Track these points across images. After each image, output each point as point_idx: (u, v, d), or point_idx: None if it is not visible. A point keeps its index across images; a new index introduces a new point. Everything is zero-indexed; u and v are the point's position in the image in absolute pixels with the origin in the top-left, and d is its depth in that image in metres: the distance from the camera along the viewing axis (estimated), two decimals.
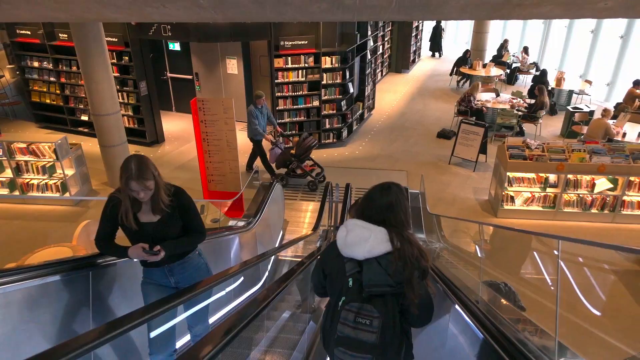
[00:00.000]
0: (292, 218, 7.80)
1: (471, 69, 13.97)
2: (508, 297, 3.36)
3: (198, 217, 2.77)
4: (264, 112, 8.41)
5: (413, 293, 1.86)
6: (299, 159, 8.48)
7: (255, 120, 8.17)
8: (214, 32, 8.81)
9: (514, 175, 7.57)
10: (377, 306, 1.87)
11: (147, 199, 2.53)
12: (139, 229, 2.57)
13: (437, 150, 10.33)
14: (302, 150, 8.44)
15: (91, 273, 2.61)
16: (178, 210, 2.64)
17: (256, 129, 8.19)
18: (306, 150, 8.46)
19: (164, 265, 2.74)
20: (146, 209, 2.59)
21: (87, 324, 2.58)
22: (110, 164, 8.36)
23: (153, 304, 2.15)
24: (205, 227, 2.91)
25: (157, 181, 2.52)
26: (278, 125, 8.94)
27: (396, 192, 1.99)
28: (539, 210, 7.74)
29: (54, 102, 10.80)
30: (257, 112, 8.22)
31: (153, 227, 2.60)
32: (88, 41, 7.36)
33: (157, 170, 2.54)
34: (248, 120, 8.32)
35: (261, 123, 8.28)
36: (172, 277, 2.79)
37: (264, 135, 8.33)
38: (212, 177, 7.63)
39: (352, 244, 1.94)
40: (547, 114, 11.34)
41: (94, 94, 7.75)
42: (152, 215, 2.60)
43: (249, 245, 5.50)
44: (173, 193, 2.63)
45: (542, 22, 15.56)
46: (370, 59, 11.49)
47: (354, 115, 10.77)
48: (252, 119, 8.18)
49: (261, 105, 8.29)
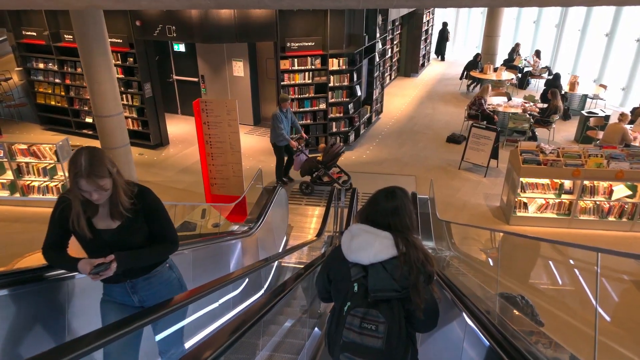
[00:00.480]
0: (296, 223, 7.58)
1: (482, 72, 13.69)
2: (525, 311, 3.11)
3: (168, 223, 2.36)
4: (289, 117, 8.04)
5: (419, 298, 1.85)
6: (325, 166, 8.08)
7: (280, 125, 7.77)
8: (218, 32, 8.66)
9: (528, 181, 7.28)
10: (382, 311, 1.86)
11: (103, 201, 2.11)
12: (94, 237, 2.15)
13: (447, 154, 10.07)
14: (330, 157, 8.04)
15: (44, 287, 2.24)
16: (143, 214, 2.23)
17: (281, 133, 7.80)
18: (334, 157, 8.05)
19: (125, 281, 2.31)
20: (103, 213, 2.16)
21: (34, 349, 2.17)
22: None
23: (107, 326, 1.80)
24: (206, 232, 2.62)
25: (114, 179, 2.09)
26: (302, 131, 8.55)
27: (401, 196, 1.98)
28: (553, 217, 7.43)
29: (59, 103, 10.72)
30: (282, 116, 7.85)
31: (111, 235, 2.18)
32: (90, 41, 7.23)
33: (115, 166, 2.13)
34: (272, 125, 7.91)
35: (286, 127, 7.91)
36: (135, 295, 2.36)
37: (289, 140, 7.93)
38: (215, 181, 7.45)
39: (357, 249, 1.92)
40: (560, 119, 11.03)
41: (97, 95, 7.61)
42: (111, 220, 2.17)
43: (250, 251, 5.28)
44: (137, 194, 2.21)
45: (554, 26, 15.27)
46: (378, 61, 11.28)
47: (361, 118, 10.55)
48: (277, 123, 7.77)
49: (286, 109, 7.94)
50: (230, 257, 5.01)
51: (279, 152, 8.25)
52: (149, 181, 8.85)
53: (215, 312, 3.34)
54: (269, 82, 10.90)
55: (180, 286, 2.51)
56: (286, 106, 7.91)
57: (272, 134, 8.00)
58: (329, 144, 8.35)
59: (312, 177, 8.19)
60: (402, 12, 12.45)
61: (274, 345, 3.42)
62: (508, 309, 3.12)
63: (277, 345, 3.45)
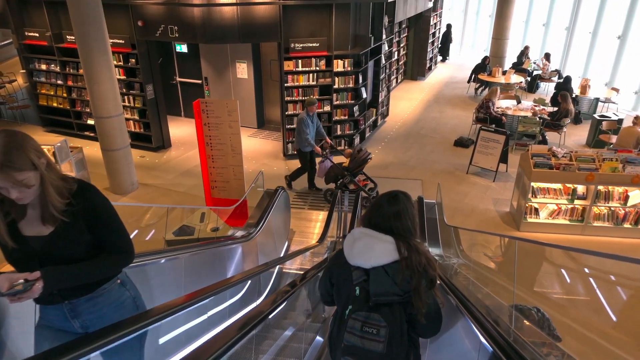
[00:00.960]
0: (299, 228, 7.36)
1: (490, 75, 13.43)
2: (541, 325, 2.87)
3: (118, 228, 1.89)
4: (315, 121, 7.74)
5: (420, 302, 1.84)
6: (352, 173, 7.65)
7: (306, 130, 7.46)
8: (221, 33, 8.50)
9: (539, 185, 7.01)
10: (384, 315, 1.86)
11: (29, 200, 1.68)
12: (20, 245, 1.71)
13: (454, 158, 9.81)
14: (357, 164, 7.63)
15: None
16: (83, 218, 1.77)
17: (307, 138, 7.49)
18: (361, 164, 7.67)
19: (62, 302, 1.84)
20: (33, 216, 1.73)
21: None
22: (112, 168, 8.05)
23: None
24: (204, 236, 2.36)
25: (42, 174, 1.64)
26: (328, 137, 8.18)
27: (403, 200, 1.98)
28: (565, 224, 7.15)
29: (61, 105, 10.62)
30: (308, 120, 7.52)
31: (42, 244, 1.73)
32: (90, 40, 7.10)
33: (43, 156, 1.67)
34: (297, 129, 7.61)
35: (311, 133, 7.59)
36: (76, 320, 1.89)
37: (314, 146, 7.63)
38: (216, 184, 7.26)
39: (359, 253, 1.92)
40: (570, 123, 10.74)
41: (96, 96, 7.47)
42: (42, 225, 1.73)
43: (249, 256, 5.07)
44: (75, 192, 1.75)
45: (564, 29, 14.99)
46: (384, 63, 11.08)
47: (366, 121, 10.33)
48: (303, 127, 7.47)
49: (312, 113, 7.63)
50: (227, 263, 4.80)
51: (304, 159, 7.88)
52: (150, 184, 8.69)
53: (206, 323, 3.13)
54: (273, 85, 10.72)
55: (135, 307, 2.05)
56: (313, 110, 7.61)
57: (297, 139, 7.68)
58: (355, 149, 7.87)
59: (337, 185, 7.78)
60: (408, 13, 12.24)
61: (278, 348, 3.32)
62: (519, 319, 2.91)
63: (280, 349, 3.35)
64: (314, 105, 7.58)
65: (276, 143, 10.44)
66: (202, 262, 4.15)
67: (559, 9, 15.35)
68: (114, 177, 8.12)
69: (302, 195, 8.37)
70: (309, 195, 8.37)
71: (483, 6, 18.52)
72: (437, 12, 15.94)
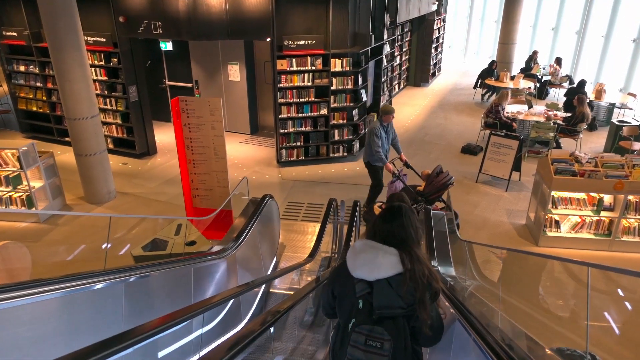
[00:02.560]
0: (290, 242, 6.58)
1: (498, 80, 12.73)
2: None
3: None
4: (390, 133, 6.64)
5: (426, 314, 1.81)
6: (427, 200, 6.33)
7: (378, 141, 6.38)
8: (208, 29, 7.83)
9: (560, 195, 6.24)
10: (388, 328, 1.83)
11: None
12: None
13: (462, 166, 9.06)
14: (434, 189, 6.34)
15: None
16: None
17: (377, 151, 6.39)
18: (439, 190, 6.36)
19: None
20: None
21: None
22: (87, 175, 7.33)
23: None
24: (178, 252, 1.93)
25: None
26: (402, 153, 6.89)
27: (406, 211, 1.96)
28: (590, 238, 6.35)
29: (41, 109, 9.94)
30: (381, 131, 6.46)
31: None
32: (60, 33, 6.44)
33: None
34: (368, 140, 6.54)
35: (384, 146, 6.50)
36: None
37: (384, 162, 6.46)
38: (197, 192, 6.51)
39: (362, 265, 1.89)
40: (585, 129, 9.99)
41: (68, 95, 6.78)
42: None
43: (227, 275, 4.30)
44: None
45: (575, 33, 14.34)
46: (386, 65, 10.41)
47: (367, 126, 9.59)
48: (375, 138, 6.39)
49: (387, 123, 6.54)
50: (200, 284, 4.03)
51: (375, 173, 6.77)
52: (129, 193, 7.95)
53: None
54: (268, 88, 10.04)
55: None
56: (389, 120, 6.50)
57: (367, 151, 6.63)
58: (434, 171, 6.52)
59: None
60: (412, 14, 11.61)
61: None
62: None
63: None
64: (389, 114, 6.45)
65: (270, 150, 9.72)
66: (159, 286, 3.38)
67: (569, 13, 14.72)
68: (89, 185, 7.38)
69: (295, 205, 7.61)
70: (302, 204, 7.61)
71: (488, 11, 17.95)
72: (441, 16, 15.33)
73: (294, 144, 8.84)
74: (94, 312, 2.59)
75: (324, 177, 8.60)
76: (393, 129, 6.72)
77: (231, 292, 3.52)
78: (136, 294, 2.91)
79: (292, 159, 8.94)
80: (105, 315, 2.65)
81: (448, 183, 6.34)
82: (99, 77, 8.92)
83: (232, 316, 4.29)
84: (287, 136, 8.75)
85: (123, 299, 2.66)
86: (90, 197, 7.44)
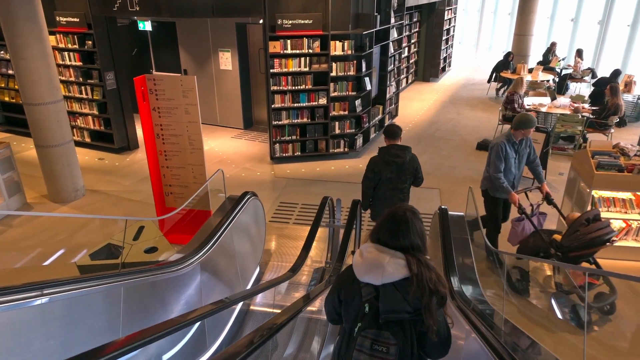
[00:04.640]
0: (280, 248, 5.60)
1: (514, 73, 11.70)
2: None
3: None
4: (524, 153, 4.73)
5: (432, 319, 1.78)
6: (564, 255, 4.24)
7: (500, 165, 4.57)
8: (190, 6, 6.92)
9: (602, 195, 5.21)
10: (394, 333, 1.82)
11: None
12: None
13: (478, 164, 8.03)
14: (580, 243, 4.11)
15: None
16: None
17: (498, 177, 4.57)
18: (588, 246, 4.12)
19: None
20: None
21: None
22: (49, 170, 6.40)
23: None
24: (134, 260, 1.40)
25: None
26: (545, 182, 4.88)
27: (410, 217, 1.90)
28: (636, 247, 5.31)
29: (14, 99, 9.07)
30: (509, 149, 4.60)
31: None
32: (12, 2, 5.52)
33: None
34: (488, 161, 4.79)
35: (512, 171, 4.70)
36: None
37: (509, 193, 4.62)
38: (171, 189, 5.55)
39: (368, 269, 1.85)
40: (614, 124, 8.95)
41: (23, 75, 5.86)
42: None
43: (183, 294, 3.33)
44: None
45: (597, 23, 13.29)
46: (393, 52, 9.42)
47: (371, 119, 8.61)
48: (497, 161, 4.58)
49: (520, 140, 4.63)
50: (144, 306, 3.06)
51: (492, 207, 4.97)
52: (100, 190, 7.02)
53: None
54: (263, 79, 9.05)
55: None
56: (527, 134, 4.60)
57: (485, 175, 4.89)
58: (584, 215, 4.25)
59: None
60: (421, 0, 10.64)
61: None
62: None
63: None
64: (527, 128, 4.52)
65: (263, 145, 8.76)
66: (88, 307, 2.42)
67: (590, 2, 13.67)
68: (52, 181, 6.45)
69: (288, 206, 6.63)
70: (295, 205, 6.63)
71: (501, 4, 16.94)
72: (452, 7, 14.35)
73: (289, 137, 7.87)
74: None
75: (322, 175, 7.62)
76: (532, 146, 4.78)
77: (183, 318, 2.54)
78: (62, 319, 1.95)
79: (287, 154, 7.97)
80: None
81: (607, 239, 4.04)
82: (73, 62, 8.03)
83: (192, 347, 3.32)
84: (281, 129, 7.79)
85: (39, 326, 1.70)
86: (54, 195, 6.51)
